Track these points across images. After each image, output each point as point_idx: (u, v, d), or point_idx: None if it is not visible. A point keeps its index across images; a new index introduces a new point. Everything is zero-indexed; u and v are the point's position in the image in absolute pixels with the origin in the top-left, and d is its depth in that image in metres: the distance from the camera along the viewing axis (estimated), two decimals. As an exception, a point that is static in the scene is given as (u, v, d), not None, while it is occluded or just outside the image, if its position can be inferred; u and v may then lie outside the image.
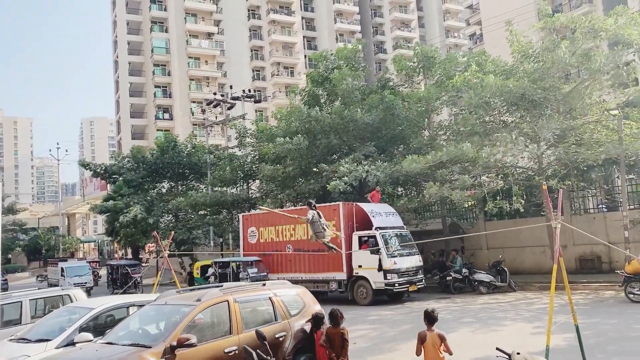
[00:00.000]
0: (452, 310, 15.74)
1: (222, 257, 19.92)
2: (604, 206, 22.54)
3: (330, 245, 13.48)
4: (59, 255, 58.58)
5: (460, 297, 19.02)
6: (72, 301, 10.90)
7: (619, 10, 18.82)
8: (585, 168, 19.46)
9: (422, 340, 6.49)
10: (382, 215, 19.84)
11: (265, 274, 20.73)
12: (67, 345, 7.95)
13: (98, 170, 41.06)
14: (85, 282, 29.93)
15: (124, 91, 61.92)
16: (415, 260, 19.33)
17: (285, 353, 7.73)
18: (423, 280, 19.48)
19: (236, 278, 20.68)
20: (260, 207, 23.15)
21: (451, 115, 28.31)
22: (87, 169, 42.99)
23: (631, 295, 14.75)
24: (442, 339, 6.47)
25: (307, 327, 8.07)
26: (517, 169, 21.37)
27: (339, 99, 24.57)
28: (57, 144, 62.49)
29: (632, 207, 20.59)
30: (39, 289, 12.88)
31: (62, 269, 31.71)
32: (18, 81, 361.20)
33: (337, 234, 16.57)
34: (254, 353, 6.34)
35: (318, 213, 13.03)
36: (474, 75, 19.38)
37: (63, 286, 27.44)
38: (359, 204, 20.52)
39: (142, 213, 34.18)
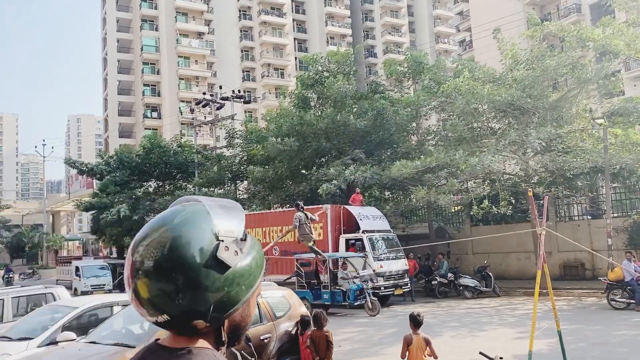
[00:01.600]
0: (437, 315, 15.81)
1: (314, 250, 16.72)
2: (589, 215, 22.81)
3: (316, 249, 13.49)
4: (42, 254, 58.01)
5: (445, 301, 19.11)
6: (55, 299, 10.80)
7: (606, 21, 19.10)
8: (571, 176, 19.68)
9: (407, 343, 6.52)
10: (370, 219, 19.90)
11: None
12: (50, 344, 7.85)
13: (84, 168, 40.68)
14: (104, 284, 26.25)
15: (112, 89, 61.46)
16: (402, 264, 19.40)
17: (270, 355, 7.72)
18: (409, 284, 19.55)
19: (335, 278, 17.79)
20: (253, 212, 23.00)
21: (439, 120, 28.49)
22: (72, 167, 42.58)
23: (613, 302, 14.93)
24: (428, 342, 6.50)
25: (293, 330, 8.07)
26: (504, 176, 21.55)
27: (330, 102, 24.60)
28: (43, 140, 61.78)
29: (615, 215, 20.86)
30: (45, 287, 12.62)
31: (77, 268, 28.04)
32: (4, 76, 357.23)
33: (315, 218, 16.78)
34: (238, 354, 6.31)
35: (305, 214, 13.07)
36: (466, 82, 19.52)
37: (79, 288, 25.93)
38: (347, 206, 20.56)
39: (125, 211, 33.91)
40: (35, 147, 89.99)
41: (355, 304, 16.27)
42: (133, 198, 35.85)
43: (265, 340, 7.73)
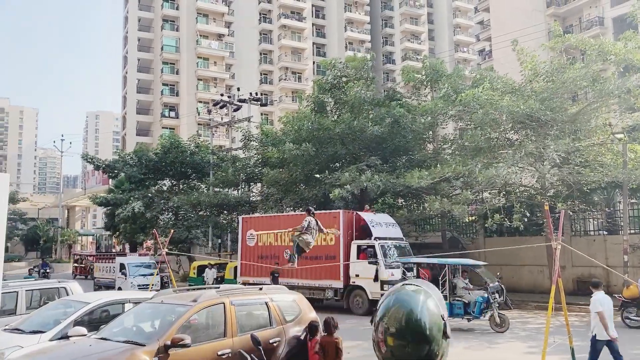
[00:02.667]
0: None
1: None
2: (605, 230, 22.50)
3: (294, 252, 13.08)
4: (56, 248, 58.62)
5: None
6: (68, 294, 10.89)
7: (629, 35, 18.89)
8: (588, 190, 19.44)
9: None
10: (382, 226, 19.81)
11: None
12: (61, 338, 7.93)
13: (100, 164, 41.09)
14: (152, 284, 23.39)
15: (131, 87, 62.06)
16: (413, 273, 19.24)
17: (279, 359, 7.70)
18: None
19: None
20: (255, 216, 22.95)
21: (456, 129, 28.34)
22: (89, 163, 43.04)
23: (627, 321, 14.69)
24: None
25: (302, 335, 8.04)
26: (520, 187, 21.35)
27: (346, 108, 24.59)
28: (62, 135, 62.51)
29: (632, 231, 20.55)
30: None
31: (122, 265, 25.87)
32: (26, 71, 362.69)
33: (333, 232, 16.38)
34: (249, 357, 6.32)
35: (316, 221, 12.97)
36: (485, 93, 19.39)
37: (124, 287, 23.84)
38: (359, 212, 20.49)
39: (141, 208, 34.16)
40: (54, 142, 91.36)
41: (481, 317, 14.85)
42: (148, 196, 36.13)
43: (275, 344, 7.71)
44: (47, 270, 33.38)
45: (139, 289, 23.08)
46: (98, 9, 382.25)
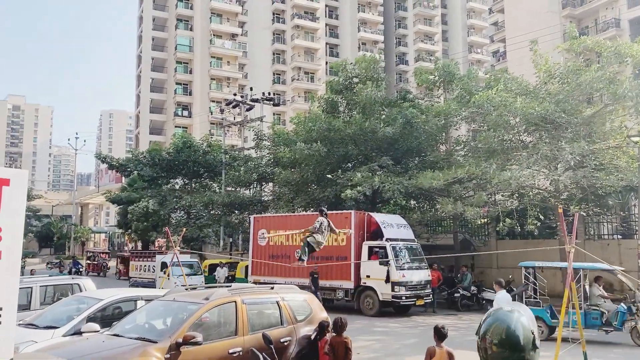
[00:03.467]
0: (459, 328, 15.60)
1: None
2: (619, 234, 22.25)
3: (304, 252, 13.09)
4: (69, 245, 59.22)
5: (467, 314, 18.85)
6: (81, 290, 11.00)
7: (646, 36, 18.67)
8: (602, 193, 19.24)
9: (430, 355, 6.44)
10: (394, 227, 19.76)
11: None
12: (74, 334, 8.01)
13: (114, 163, 41.43)
14: (196, 285, 23.17)
15: (145, 86, 62.52)
16: (425, 275, 19.19)
17: (289, 358, 7.71)
18: (431, 295, 19.33)
19: None
20: (266, 215, 22.94)
21: (469, 131, 28.19)
22: (103, 162, 43.43)
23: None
24: (451, 356, 6.42)
25: (312, 334, 8.05)
26: (533, 190, 21.19)
27: (358, 109, 24.56)
28: (76, 133, 63.40)
29: (647, 236, 20.29)
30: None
31: (164, 264, 23.87)
32: (42, 70, 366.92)
33: (345, 231, 16.34)
34: (261, 355, 6.34)
35: (328, 221, 12.98)
36: (499, 95, 19.26)
37: (167, 288, 22.50)
38: (371, 213, 20.46)
39: (154, 206, 34.39)
40: (68, 139, 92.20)
41: (621, 328, 13.26)
42: (161, 194, 36.39)
43: (285, 343, 7.72)
44: (80, 269, 32.46)
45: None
46: (113, 8, 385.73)
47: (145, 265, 26.95)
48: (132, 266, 29.00)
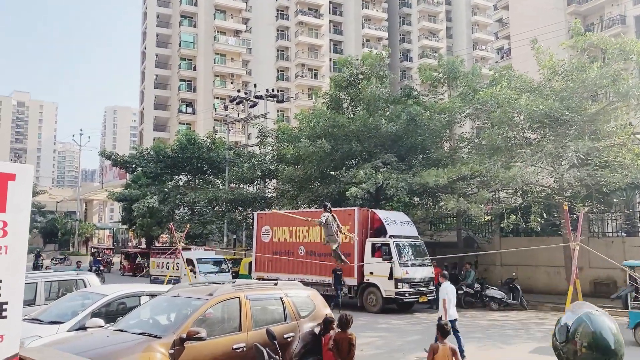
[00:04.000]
0: (462, 325, 15.56)
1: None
2: (623, 232, 22.18)
3: (340, 254, 13.33)
4: (73, 240, 59.45)
5: (470, 311, 18.84)
6: (85, 286, 11.05)
7: (652, 33, 18.57)
8: (607, 191, 19.18)
9: (433, 352, 6.46)
10: (397, 224, 19.76)
11: None
12: (79, 329, 8.05)
13: (118, 160, 41.53)
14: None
15: (149, 83, 62.61)
16: (428, 272, 19.20)
17: (293, 354, 7.72)
18: (434, 292, 19.32)
19: None
20: (275, 211, 22.97)
21: (473, 128, 28.14)
22: (107, 159, 43.53)
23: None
24: (454, 352, 6.43)
25: (316, 330, 8.07)
26: (537, 187, 21.14)
27: (362, 105, 24.54)
28: (80, 130, 63.27)
29: (652, 233, 20.23)
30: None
31: (189, 261, 22.21)
32: (47, 67, 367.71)
33: (350, 235, 16.42)
34: (264, 351, 6.36)
35: (333, 216, 13.06)
36: (503, 92, 19.20)
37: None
38: (374, 210, 20.45)
39: (156, 203, 34.46)
40: (73, 136, 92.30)
41: None
42: (164, 191, 36.48)
43: (289, 339, 7.74)
44: (101, 268, 30.56)
45: None
46: (117, 4, 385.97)
47: (167, 263, 24.96)
48: (153, 263, 27.07)
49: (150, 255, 30.27)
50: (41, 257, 41.17)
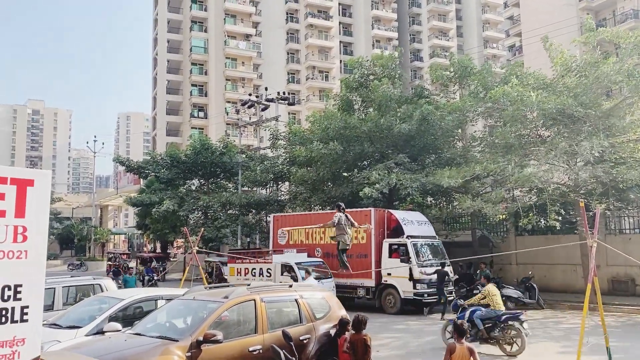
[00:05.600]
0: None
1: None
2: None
3: (343, 258, 13.18)
4: (89, 246, 59.96)
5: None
6: (102, 291, 11.16)
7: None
8: (624, 187, 18.95)
9: (451, 352, 6.41)
10: (414, 224, 19.66)
11: None
12: (97, 333, 8.13)
13: (133, 166, 41.79)
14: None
15: (161, 88, 63.04)
16: (447, 271, 19.04)
17: (309, 356, 7.73)
18: (453, 292, 19.18)
19: None
20: (291, 213, 22.98)
21: (486, 126, 27.95)
22: (121, 165, 43.85)
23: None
24: (472, 352, 6.38)
25: (332, 332, 8.06)
26: (552, 185, 20.95)
27: (374, 106, 24.50)
28: (94, 136, 64.21)
29: (670, 230, 19.94)
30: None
31: (286, 267, 18.53)
32: (61, 74, 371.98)
33: (363, 227, 16.16)
34: (281, 352, 6.38)
35: (346, 216, 13.03)
36: (515, 89, 19.06)
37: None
38: (391, 210, 20.38)
39: (174, 206, 34.64)
40: (87, 142, 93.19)
41: None
42: (179, 196, 36.69)
43: (305, 341, 7.75)
44: (155, 278, 28.11)
45: None
46: (128, 11, 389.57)
47: (252, 269, 20.30)
48: (232, 270, 21.48)
49: (227, 261, 23.87)
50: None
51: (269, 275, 19.04)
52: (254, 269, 19.93)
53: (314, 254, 20.70)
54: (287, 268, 18.34)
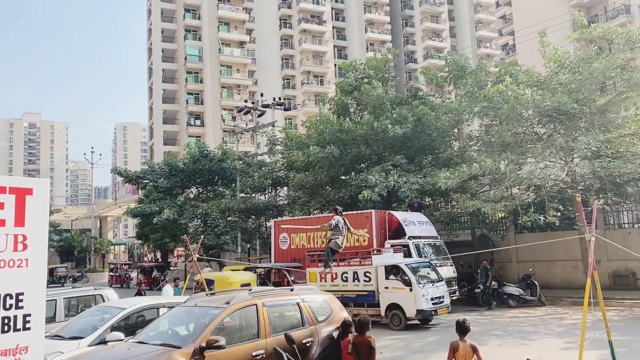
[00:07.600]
0: (481, 323, 15.50)
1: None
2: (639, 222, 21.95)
3: (330, 258, 13.13)
4: (90, 257, 59.83)
5: (488, 309, 18.72)
6: (104, 301, 11.15)
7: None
8: (621, 182, 19.02)
9: (454, 350, 6.42)
10: (416, 225, 19.66)
11: None
12: (99, 343, 8.13)
13: (131, 176, 41.78)
14: (442, 297, 15.95)
15: (157, 98, 63.09)
16: (449, 271, 19.03)
17: (312, 358, 7.74)
18: (457, 292, 19.15)
19: None
20: (285, 219, 22.96)
21: (482, 125, 28.02)
22: (120, 176, 43.81)
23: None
24: (475, 350, 6.37)
25: (334, 334, 8.07)
26: (549, 182, 21.01)
27: (369, 108, 24.54)
28: (92, 148, 63.96)
29: (669, 223, 20.00)
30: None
31: (396, 269, 15.83)
32: (57, 87, 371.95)
33: (358, 234, 16.14)
34: (284, 354, 6.39)
35: (344, 219, 13.06)
36: (509, 88, 19.14)
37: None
38: (391, 212, 20.39)
39: (174, 215, 34.63)
40: (84, 154, 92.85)
41: None
42: (178, 204, 36.66)
43: (308, 344, 7.75)
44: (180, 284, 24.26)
45: (433, 306, 15.45)
46: (122, 22, 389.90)
47: (346, 274, 17.14)
48: (313, 275, 17.88)
49: (305, 265, 19.94)
50: (56, 272, 41.59)
51: (367, 280, 16.48)
52: (346, 274, 17.12)
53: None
54: (394, 270, 15.87)
